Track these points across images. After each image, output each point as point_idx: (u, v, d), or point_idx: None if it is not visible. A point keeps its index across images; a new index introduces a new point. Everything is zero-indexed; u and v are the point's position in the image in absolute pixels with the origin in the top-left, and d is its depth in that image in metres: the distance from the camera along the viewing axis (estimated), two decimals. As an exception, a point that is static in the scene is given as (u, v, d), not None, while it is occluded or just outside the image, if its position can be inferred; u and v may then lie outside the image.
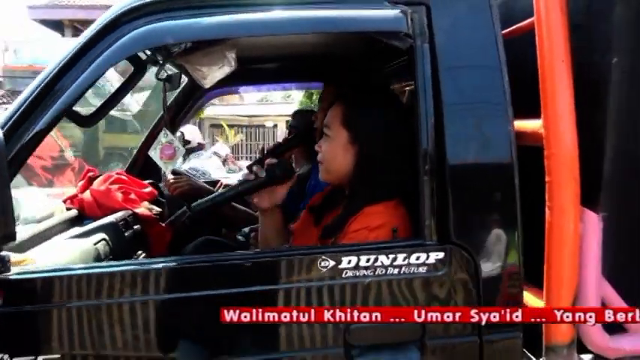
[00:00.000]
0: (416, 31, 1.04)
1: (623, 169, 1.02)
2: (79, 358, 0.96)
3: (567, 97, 1.02)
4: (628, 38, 0.99)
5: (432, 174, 1.01)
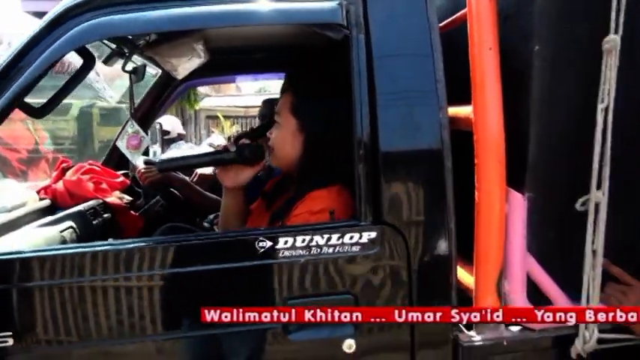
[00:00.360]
0: (351, 22, 1.09)
1: (546, 153, 1.07)
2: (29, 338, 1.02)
3: (494, 84, 1.07)
4: (548, 27, 1.04)
5: (366, 159, 1.07)
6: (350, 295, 1.05)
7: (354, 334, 1.05)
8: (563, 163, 1.08)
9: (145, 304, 1.02)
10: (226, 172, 1.33)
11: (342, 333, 1.05)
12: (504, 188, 1.07)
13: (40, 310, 1.01)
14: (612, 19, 1.01)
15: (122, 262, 1.01)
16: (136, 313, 1.02)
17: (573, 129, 1.07)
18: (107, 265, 1.01)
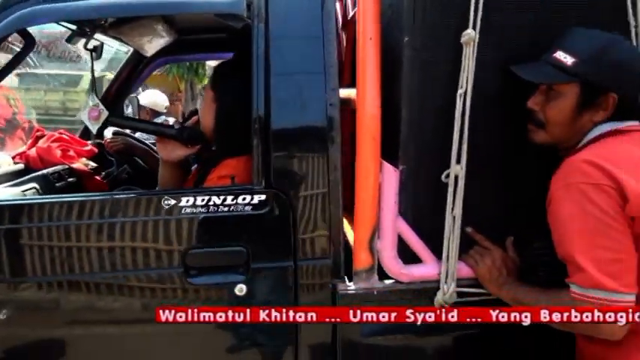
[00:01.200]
0: (253, 12, 1.26)
1: (416, 132, 1.24)
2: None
3: (372, 70, 1.23)
4: (418, 19, 1.19)
5: (261, 132, 1.25)
6: (242, 248, 1.24)
7: (245, 280, 1.25)
8: (433, 141, 1.24)
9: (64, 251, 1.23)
10: (164, 145, 1.51)
11: (234, 279, 1.25)
12: (378, 161, 1.25)
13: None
14: (470, 15, 1.17)
15: (46, 212, 1.22)
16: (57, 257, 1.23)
17: (440, 111, 1.22)
18: (32, 215, 1.22)
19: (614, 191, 1.01)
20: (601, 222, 1.01)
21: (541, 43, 1.17)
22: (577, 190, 1.04)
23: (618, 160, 1.05)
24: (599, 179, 1.02)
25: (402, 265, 1.28)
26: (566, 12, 1.20)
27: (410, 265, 1.29)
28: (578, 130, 1.15)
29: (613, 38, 1.12)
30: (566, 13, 1.20)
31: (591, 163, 1.04)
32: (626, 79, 1.10)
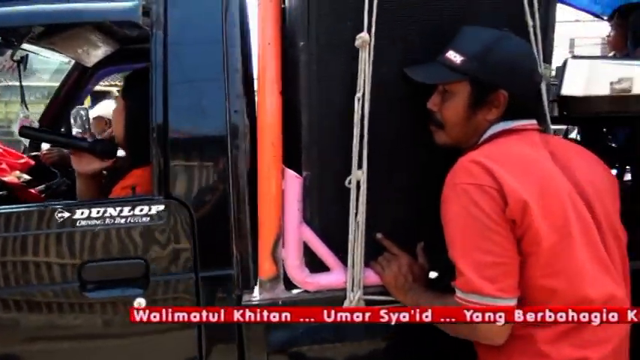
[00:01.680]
0: (152, 19, 1.23)
1: (317, 137, 1.21)
2: None
3: (271, 75, 1.21)
4: (313, 23, 1.17)
5: (159, 141, 1.22)
6: (141, 260, 1.21)
7: (144, 293, 1.21)
8: (335, 146, 1.21)
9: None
10: (79, 158, 1.47)
11: (132, 292, 1.21)
12: (279, 167, 1.22)
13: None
14: (365, 17, 1.15)
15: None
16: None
17: (341, 115, 1.20)
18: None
19: (496, 193, 0.98)
20: (483, 225, 0.98)
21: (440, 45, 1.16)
22: (462, 190, 1.01)
23: (505, 160, 1.03)
24: (483, 180, 1.00)
25: (307, 273, 1.25)
26: (465, 14, 1.19)
27: (317, 274, 1.26)
28: (474, 130, 1.13)
29: (501, 35, 1.09)
30: (465, 15, 1.19)
31: (477, 164, 1.02)
32: (513, 76, 1.08)
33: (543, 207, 0.99)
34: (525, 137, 1.09)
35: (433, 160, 1.23)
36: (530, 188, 0.99)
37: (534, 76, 1.13)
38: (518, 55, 1.10)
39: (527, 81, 1.11)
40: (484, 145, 1.11)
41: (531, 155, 1.07)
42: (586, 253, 1.01)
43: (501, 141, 1.09)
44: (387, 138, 1.22)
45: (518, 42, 1.12)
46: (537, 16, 1.19)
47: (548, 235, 0.98)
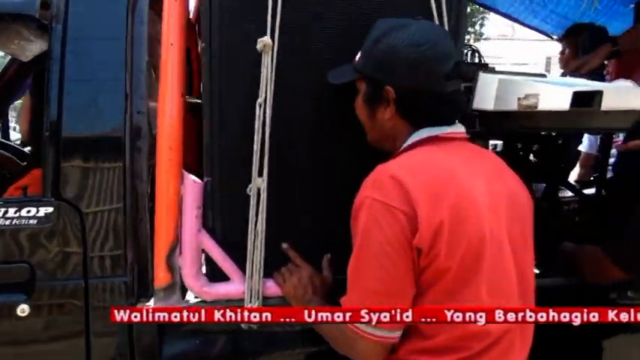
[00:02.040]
0: (52, 13, 1.18)
1: (219, 141, 1.17)
2: None
3: (172, 76, 1.16)
4: (215, 25, 1.13)
5: (52, 140, 1.16)
6: (26, 264, 1.15)
7: (28, 299, 1.14)
8: (237, 152, 1.18)
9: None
10: None
11: (16, 298, 1.14)
12: (177, 172, 1.17)
13: None
14: (268, 20, 1.12)
15: None
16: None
17: (244, 121, 1.16)
18: None
19: (405, 218, 0.89)
20: (381, 250, 0.91)
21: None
22: (369, 205, 0.93)
23: (423, 177, 0.93)
24: (394, 201, 0.90)
25: (204, 282, 1.21)
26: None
27: (215, 284, 1.21)
28: (386, 133, 1.06)
29: (397, 25, 1.01)
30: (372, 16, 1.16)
31: (393, 179, 0.92)
32: (395, 68, 0.98)
33: (457, 234, 0.91)
34: (450, 148, 1.01)
35: (342, 170, 1.21)
36: (446, 213, 0.90)
37: (426, 69, 0.97)
38: (405, 46, 0.97)
39: (414, 74, 0.97)
40: (404, 153, 1.02)
41: (453, 171, 0.96)
42: (491, 284, 0.95)
43: (424, 150, 1.00)
44: (292, 145, 1.18)
45: (413, 32, 0.98)
46: (445, 21, 1.17)
47: (455, 264, 0.91)
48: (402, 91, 1.00)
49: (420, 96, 1.00)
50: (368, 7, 1.16)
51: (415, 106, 1.01)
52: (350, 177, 1.19)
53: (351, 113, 1.19)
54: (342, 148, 1.21)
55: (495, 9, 2.95)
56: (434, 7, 1.16)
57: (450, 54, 0.99)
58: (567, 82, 1.22)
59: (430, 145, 1.01)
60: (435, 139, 1.01)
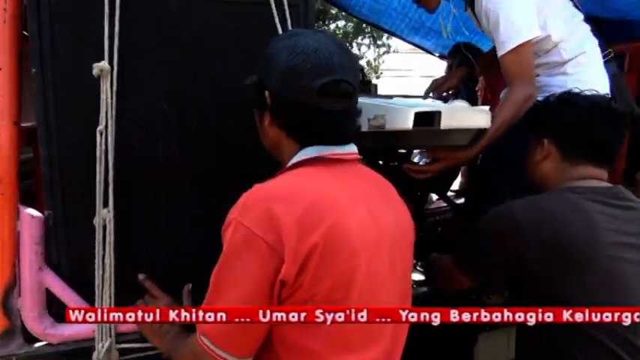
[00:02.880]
0: None
1: (59, 173, 1.10)
2: None
3: (4, 103, 1.08)
4: (48, 48, 1.07)
5: None
6: None
7: None
8: (80, 182, 1.11)
9: None
10: None
11: None
12: (10, 207, 1.09)
13: None
14: (105, 45, 1.08)
15: None
16: None
17: (86, 149, 1.10)
18: None
19: (269, 250, 0.85)
20: (238, 277, 0.87)
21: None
22: (236, 230, 0.87)
23: (296, 205, 0.87)
24: (261, 230, 0.85)
25: (49, 324, 1.12)
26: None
27: (62, 324, 1.13)
28: (271, 143, 1.01)
29: (290, 33, 1.02)
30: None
31: (264, 204, 0.87)
32: (270, 70, 0.94)
33: (325, 265, 0.86)
34: (336, 170, 0.95)
35: (197, 197, 1.19)
36: (317, 244, 0.85)
37: (294, 79, 0.91)
38: (283, 52, 0.93)
39: (284, 82, 0.93)
40: (285, 174, 0.96)
41: (331, 198, 0.91)
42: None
43: (305, 172, 0.95)
44: (140, 174, 1.14)
45: (298, 41, 0.94)
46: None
47: (319, 295, 0.87)
48: (275, 99, 0.95)
49: (292, 107, 0.94)
50: (205, 30, 1.16)
51: (290, 117, 0.96)
52: (206, 204, 1.19)
53: (203, 138, 1.18)
54: (194, 174, 1.19)
55: (380, 26, 3.07)
56: (279, 26, 1.18)
57: (328, 69, 0.91)
58: (411, 103, 1.29)
59: (314, 166, 0.96)
60: (322, 160, 0.96)
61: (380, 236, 0.95)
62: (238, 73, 1.16)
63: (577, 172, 1.25)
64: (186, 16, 1.14)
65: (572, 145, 1.25)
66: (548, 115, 1.30)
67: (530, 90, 1.48)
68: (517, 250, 1.14)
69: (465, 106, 1.31)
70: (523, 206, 1.18)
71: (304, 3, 1.21)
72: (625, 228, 1.13)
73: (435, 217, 1.98)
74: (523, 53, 1.48)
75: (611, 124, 1.23)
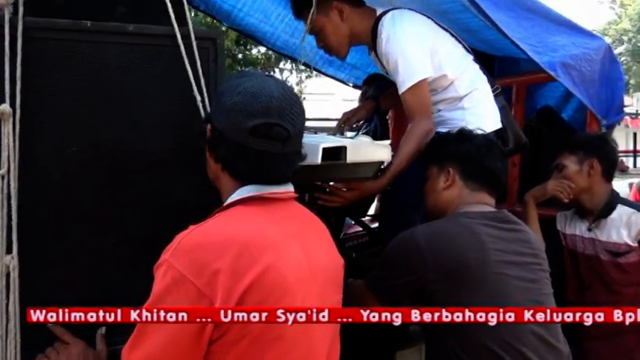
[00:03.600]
0: None
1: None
2: None
3: None
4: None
5: None
6: None
7: None
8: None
9: None
10: None
11: None
12: None
13: None
14: (6, 88, 1.06)
15: None
16: None
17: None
18: None
19: (197, 293, 0.85)
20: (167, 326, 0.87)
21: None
22: (167, 272, 0.87)
23: (229, 248, 0.88)
24: (191, 273, 0.86)
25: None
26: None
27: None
28: (212, 176, 1.04)
29: (243, 73, 1.07)
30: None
31: (198, 248, 0.88)
32: (217, 107, 1.00)
33: (261, 305, 0.88)
34: (271, 210, 0.98)
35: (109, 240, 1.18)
36: (249, 286, 0.87)
37: (231, 117, 0.95)
38: (229, 90, 0.98)
39: (222, 117, 0.97)
40: (221, 214, 0.97)
41: (265, 239, 0.93)
42: (293, 355, 0.93)
43: (240, 212, 0.96)
44: (46, 218, 1.11)
45: (246, 81, 0.98)
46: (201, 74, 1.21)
47: (251, 335, 0.88)
48: (214, 133, 0.99)
49: (227, 143, 0.97)
50: (116, 71, 1.17)
51: (224, 153, 0.99)
52: (117, 246, 1.17)
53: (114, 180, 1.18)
54: (105, 217, 1.17)
55: (294, 57, 3.16)
56: (188, 67, 1.20)
57: (264, 113, 0.95)
58: (320, 139, 1.36)
59: (250, 205, 0.97)
60: (258, 200, 0.98)
61: (313, 274, 0.98)
62: (150, 113, 1.19)
63: (473, 197, 1.39)
64: (97, 57, 1.15)
65: (472, 173, 1.40)
66: (453, 147, 1.45)
67: (430, 125, 1.63)
68: (418, 272, 1.24)
69: (368, 141, 1.40)
70: (424, 231, 1.29)
71: (213, 45, 1.25)
72: (509, 247, 1.27)
73: (352, 242, 2.06)
74: (420, 91, 1.62)
75: (498, 157, 1.42)
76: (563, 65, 1.88)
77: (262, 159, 0.97)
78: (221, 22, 2.76)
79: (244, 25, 2.78)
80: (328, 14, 1.75)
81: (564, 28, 1.96)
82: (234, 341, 0.88)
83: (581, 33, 2.01)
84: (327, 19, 1.76)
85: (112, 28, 1.15)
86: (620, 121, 2.16)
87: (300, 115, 1.01)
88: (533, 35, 1.84)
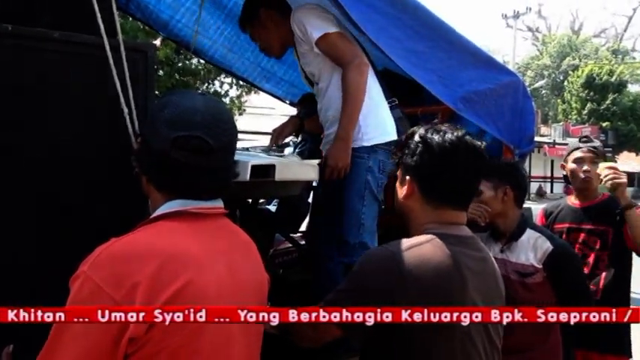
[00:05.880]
0: None
1: None
2: None
3: None
4: None
5: None
6: None
7: None
8: None
9: None
10: None
11: None
12: None
13: None
14: None
15: None
16: None
17: None
18: None
19: (115, 306, 0.84)
20: (82, 334, 0.84)
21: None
22: (84, 284, 0.85)
23: (151, 261, 0.87)
24: (109, 286, 0.84)
25: None
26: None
27: None
28: (145, 190, 1.03)
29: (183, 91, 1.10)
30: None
31: (116, 261, 0.86)
32: (148, 121, 1.04)
33: (176, 322, 0.87)
34: (197, 225, 0.97)
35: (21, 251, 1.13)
36: (171, 300, 0.86)
37: (154, 126, 0.98)
38: (160, 102, 1.03)
39: (148, 127, 1.00)
40: (144, 227, 0.95)
41: (187, 256, 0.92)
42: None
43: (165, 227, 0.95)
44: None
45: (179, 97, 1.02)
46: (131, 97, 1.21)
47: (172, 350, 0.87)
48: (142, 144, 1.02)
49: (151, 154, 0.98)
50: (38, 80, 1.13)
51: (149, 163, 1.00)
52: (30, 255, 1.13)
53: (27, 190, 1.13)
54: (16, 227, 1.13)
55: (232, 72, 3.17)
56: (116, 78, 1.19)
57: (187, 125, 0.96)
58: (249, 157, 1.38)
59: (176, 220, 0.96)
60: (184, 214, 0.97)
61: (236, 291, 0.97)
62: (71, 124, 1.17)
63: (440, 216, 1.19)
64: (19, 65, 1.11)
65: (432, 189, 1.19)
66: (408, 156, 1.20)
67: (358, 70, 1.71)
68: (393, 294, 1.06)
69: (297, 160, 1.44)
70: (403, 253, 1.10)
71: (144, 57, 1.24)
72: (482, 286, 1.14)
73: (282, 259, 2.07)
74: (332, 38, 1.74)
75: (466, 163, 1.18)
76: (465, 100, 1.98)
77: (183, 171, 0.97)
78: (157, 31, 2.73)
79: (182, 37, 2.76)
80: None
81: (481, 63, 2.07)
82: (151, 355, 0.86)
83: (496, 69, 2.14)
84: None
85: (36, 34, 1.12)
86: (532, 151, 2.33)
87: (227, 132, 1.01)
88: (446, 67, 1.93)
